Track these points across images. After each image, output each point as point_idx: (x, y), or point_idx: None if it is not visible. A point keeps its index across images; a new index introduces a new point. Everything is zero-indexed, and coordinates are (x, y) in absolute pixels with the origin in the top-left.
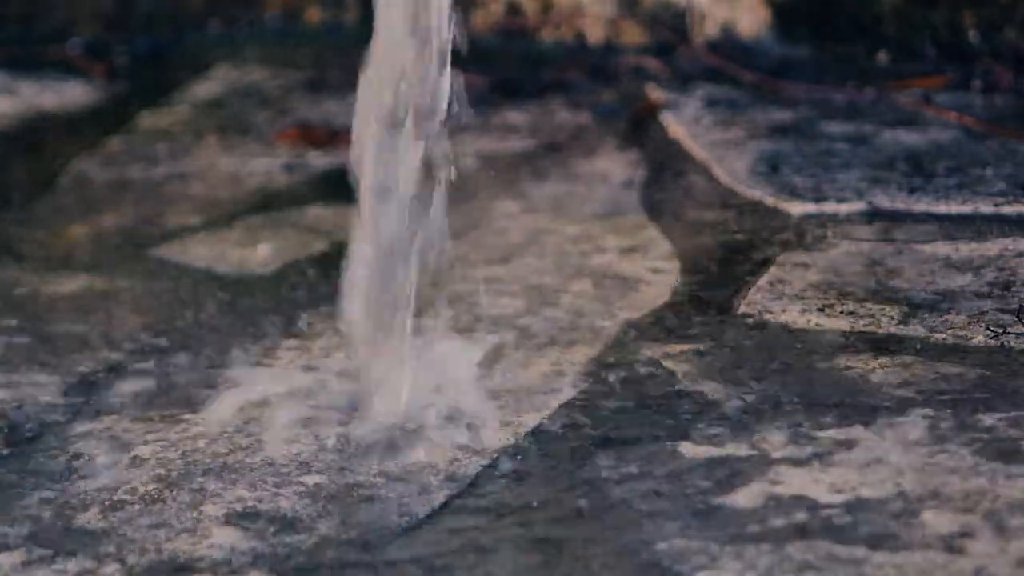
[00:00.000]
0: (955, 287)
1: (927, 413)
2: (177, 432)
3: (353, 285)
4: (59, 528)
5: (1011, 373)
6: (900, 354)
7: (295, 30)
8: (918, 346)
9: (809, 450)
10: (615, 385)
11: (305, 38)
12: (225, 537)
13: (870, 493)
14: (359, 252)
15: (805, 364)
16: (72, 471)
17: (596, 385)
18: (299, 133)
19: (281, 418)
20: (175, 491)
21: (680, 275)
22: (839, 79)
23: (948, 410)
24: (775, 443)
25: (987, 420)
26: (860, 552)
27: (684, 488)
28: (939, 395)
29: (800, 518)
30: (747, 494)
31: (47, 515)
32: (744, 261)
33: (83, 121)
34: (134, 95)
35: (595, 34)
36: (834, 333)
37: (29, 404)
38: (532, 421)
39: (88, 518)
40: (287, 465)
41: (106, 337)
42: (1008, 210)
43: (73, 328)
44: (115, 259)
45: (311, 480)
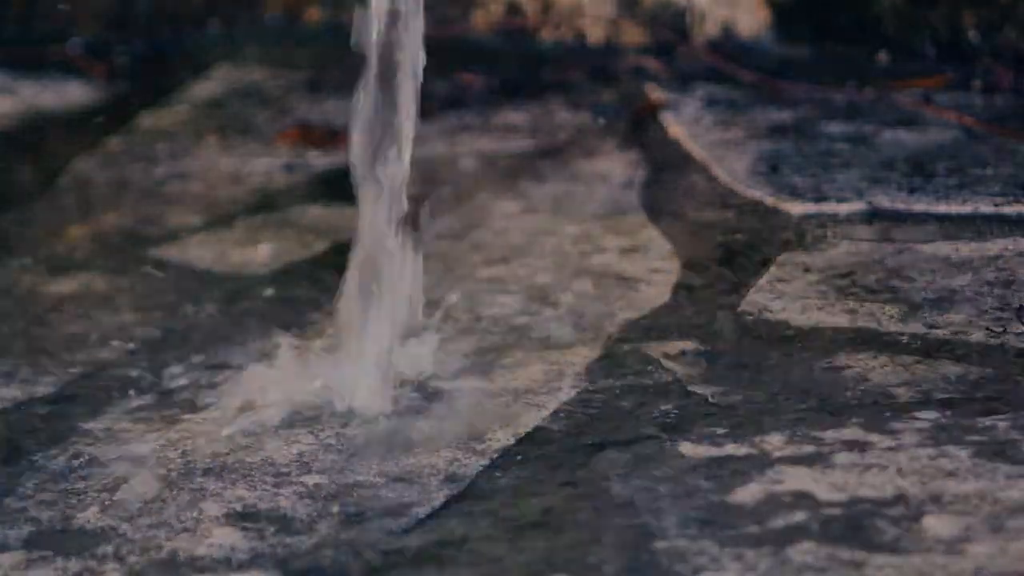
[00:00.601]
0: (955, 287)
1: (927, 413)
2: (177, 432)
3: (350, 284)
4: (59, 528)
5: (1011, 373)
6: (900, 354)
7: (295, 30)
8: (918, 345)
9: (809, 450)
10: (615, 385)
11: (305, 38)
12: (225, 537)
13: (870, 493)
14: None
15: (805, 364)
16: (72, 471)
17: (596, 385)
18: (299, 133)
19: (281, 418)
20: (175, 491)
21: (680, 275)
22: (839, 79)
23: (948, 410)
24: (775, 443)
25: (987, 420)
26: (860, 553)
27: (684, 488)
28: (939, 395)
29: (800, 518)
30: (747, 494)
31: (47, 515)
32: (744, 261)
33: (83, 121)
34: (134, 95)
35: (595, 34)
36: (834, 333)
37: (29, 404)
38: (532, 421)
39: (88, 518)
40: (287, 465)
41: (106, 337)
42: (1008, 210)
43: (73, 328)
44: (115, 259)
45: (311, 480)
